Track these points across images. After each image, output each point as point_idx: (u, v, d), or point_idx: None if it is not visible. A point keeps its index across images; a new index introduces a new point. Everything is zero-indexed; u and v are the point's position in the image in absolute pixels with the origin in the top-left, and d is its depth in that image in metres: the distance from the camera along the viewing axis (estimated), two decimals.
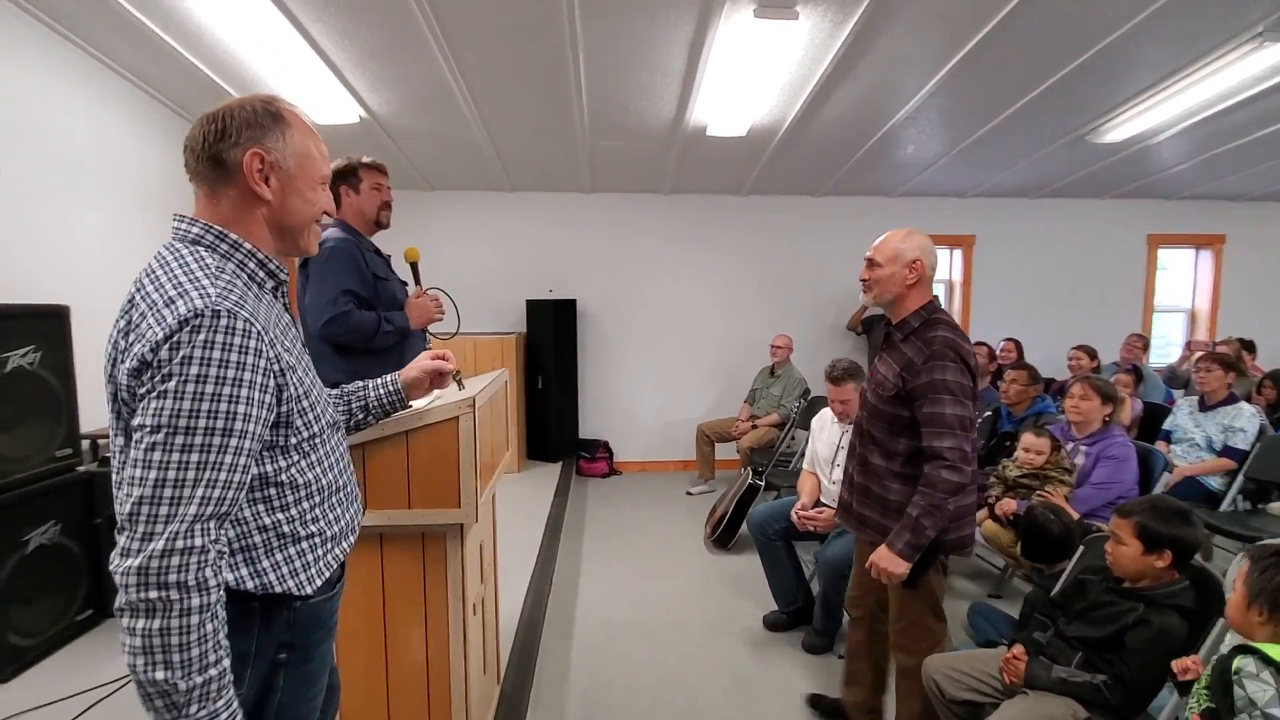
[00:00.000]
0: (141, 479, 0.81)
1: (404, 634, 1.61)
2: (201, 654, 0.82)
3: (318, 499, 1.01)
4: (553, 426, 5.39)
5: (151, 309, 0.85)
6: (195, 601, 0.81)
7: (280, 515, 0.96)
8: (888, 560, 1.72)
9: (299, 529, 0.98)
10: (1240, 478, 3.17)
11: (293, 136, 0.99)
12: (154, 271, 0.90)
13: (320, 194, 1.04)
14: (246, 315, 0.87)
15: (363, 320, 2.06)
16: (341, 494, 1.08)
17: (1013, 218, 5.88)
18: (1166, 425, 3.68)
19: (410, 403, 1.39)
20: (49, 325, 2.48)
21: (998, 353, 4.91)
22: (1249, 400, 3.73)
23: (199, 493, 0.82)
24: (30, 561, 2.41)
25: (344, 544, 1.08)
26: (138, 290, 0.89)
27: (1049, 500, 2.64)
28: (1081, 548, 1.98)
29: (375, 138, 4.34)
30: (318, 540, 1.01)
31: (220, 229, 0.95)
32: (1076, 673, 1.60)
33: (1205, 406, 3.47)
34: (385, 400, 1.33)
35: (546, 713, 2.32)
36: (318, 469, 1.01)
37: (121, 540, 0.81)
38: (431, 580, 1.61)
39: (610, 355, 5.83)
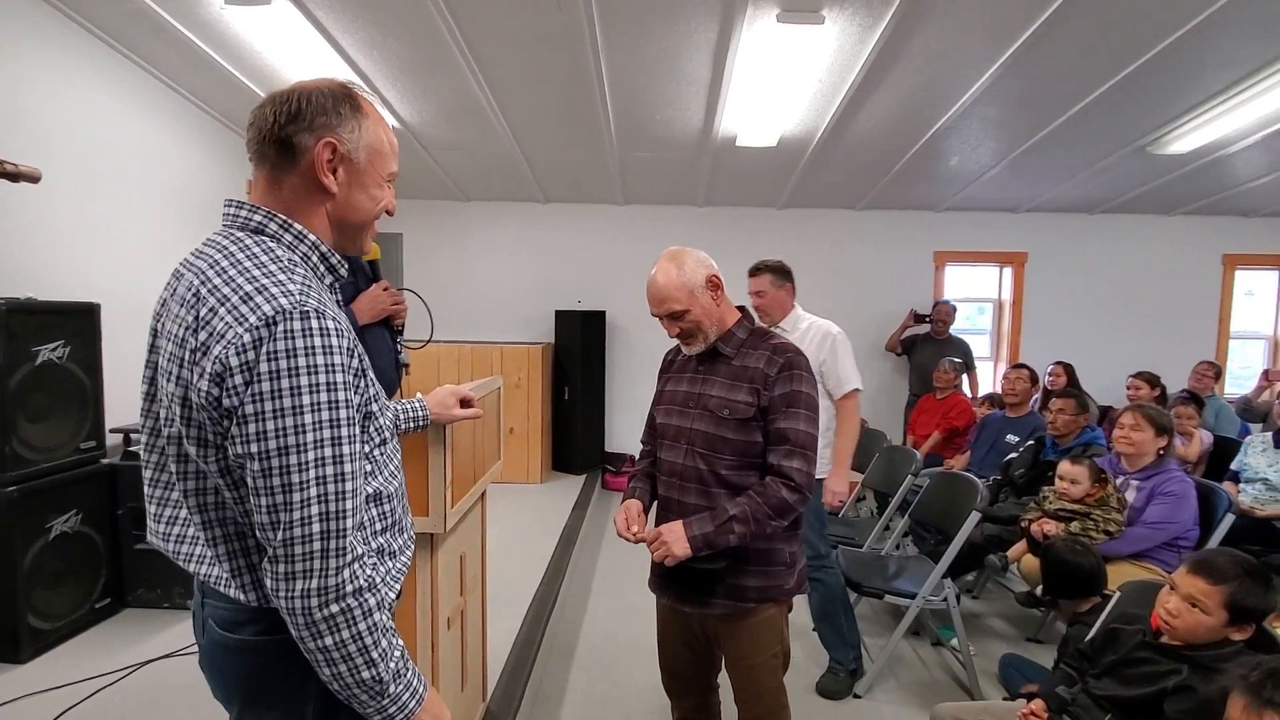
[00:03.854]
0: (284, 505, 0.77)
1: None
2: (389, 642, 0.85)
3: (386, 507, 0.96)
4: (578, 439, 5.34)
5: (223, 304, 0.78)
6: (372, 601, 0.83)
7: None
8: (677, 539, 1.45)
9: (370, 539, 0.92)
10: None
11: (367, 128, 0.92)
12: (216, 262, 0.82)
13: (385, 192, 0.97)
14: (333, 315, 0.82)
15: None
16: (404, 502, 1.04)
17: (1070, 234, 5.54)
18: (1234, 465, 3.34)
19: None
20: (79, 322, 2.59)
21: (1047, 378, 4.60)
22: None
23: (346, 505, 0.80)
24: (52, 548, 2.49)
25: (408, 553, 1.03)
26: (200, 281, 0.81)
27: (1072, 535, 2.44)
28: (1117, 592, 1.78)
29: (410, 148, 4.42)
30: (387, 550, 0.95)
31: (284, 218, 0.88)
32: None
33: None
34: (412, 424, 1.32)
35: None
36: (383, 476, 0.96)
37: (281, 567, 0.78)
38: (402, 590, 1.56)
39: (640, 368, 5.75)
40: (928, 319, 5.29)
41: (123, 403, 2.99)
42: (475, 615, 1.99)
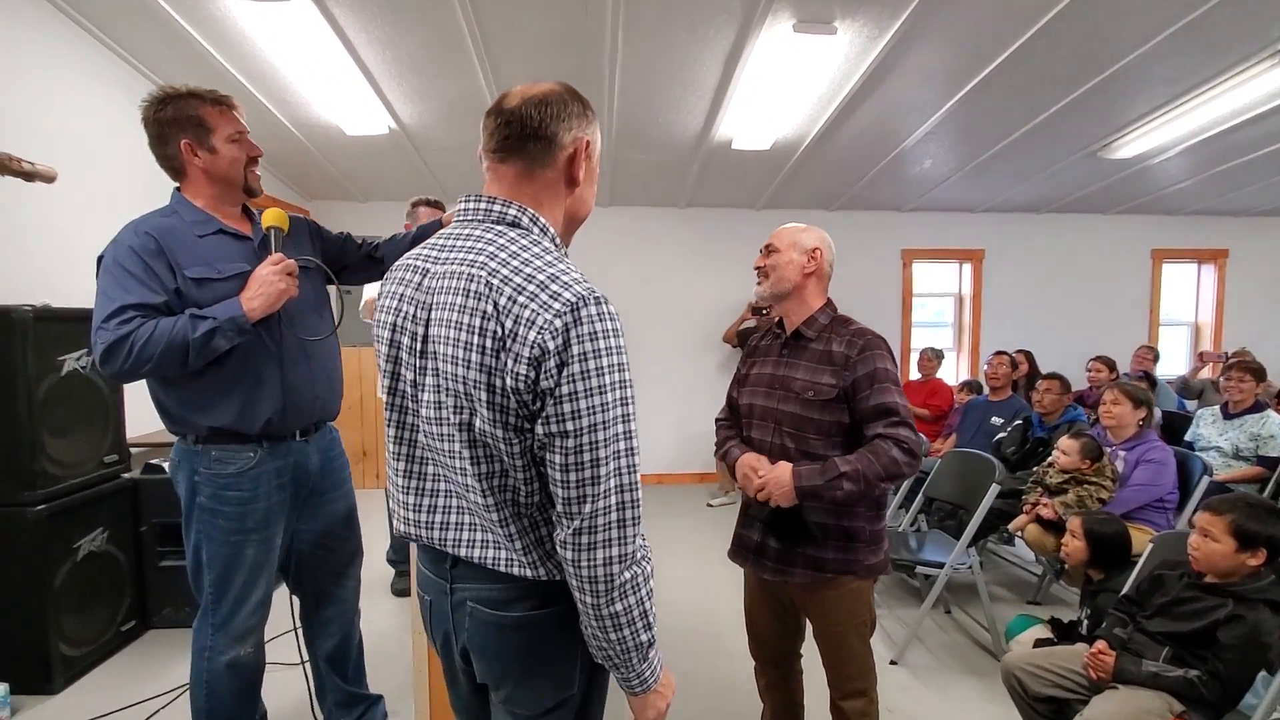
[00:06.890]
0: (593, 479, 0.85)
1: None
2: (654, 607, 0.92)
3: None
4: None
5: (521, 291, 0.84)
6: (649, 568, 0.91)
7: None
8: (784, 486, 1.53)
9: None
10: (1274, 483, 3.23)
11: (598, 132, 1.02)
12: (494, 255, 0.88)
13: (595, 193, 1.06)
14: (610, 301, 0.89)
15: (156, 334, 1.42)
16: None
17: (1021, 232, 6.00)
18: (1188, 436, 3.74)
19: None
20: None
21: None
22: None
23: (636, 477, 0.89)
24: (80, 569, 2.36)
25: None
26: (487, 273, 0.86)
27: (1095, 513, 2.68)
28: (1150, 544, 2.01)
29: (401, 150, 4.36)
30: None
31: (532, 211, 0.94)
32: (1168, 667, 1.62)
33: (1229, 415, 3.54)
34: None
35: None
36: None
37: (585, 538, 0.85)
38: None
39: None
40: (765, 312, 5.28)
41: (136, 414, 2.85)
42: None
